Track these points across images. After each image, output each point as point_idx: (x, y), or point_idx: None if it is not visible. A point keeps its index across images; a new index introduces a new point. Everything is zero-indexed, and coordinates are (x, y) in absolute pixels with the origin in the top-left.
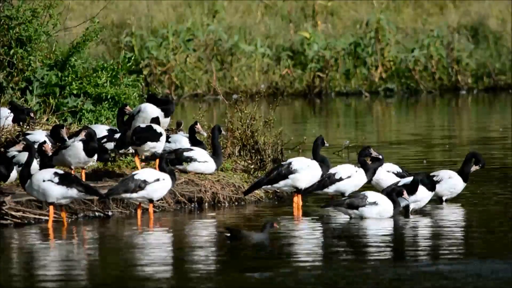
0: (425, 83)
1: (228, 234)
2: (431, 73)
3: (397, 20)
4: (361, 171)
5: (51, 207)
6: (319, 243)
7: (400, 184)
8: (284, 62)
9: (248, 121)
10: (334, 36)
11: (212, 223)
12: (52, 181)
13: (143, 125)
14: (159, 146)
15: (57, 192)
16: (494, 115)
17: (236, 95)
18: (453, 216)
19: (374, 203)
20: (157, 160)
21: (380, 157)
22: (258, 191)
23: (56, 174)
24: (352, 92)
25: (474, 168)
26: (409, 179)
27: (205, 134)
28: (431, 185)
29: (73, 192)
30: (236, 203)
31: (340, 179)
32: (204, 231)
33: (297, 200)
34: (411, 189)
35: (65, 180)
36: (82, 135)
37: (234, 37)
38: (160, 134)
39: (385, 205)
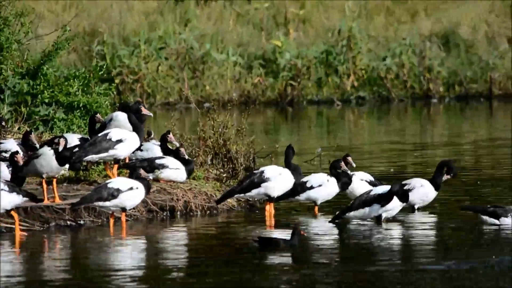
0: (397, 91)
1: (258, 242)
2: (402, 81)
3: (369, 28)
4: (333, 180)
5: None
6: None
7: (372, 192)
8: (256, 71)
9: (220, 129)
10: (306, 45)
11: (184, 231)
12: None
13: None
14: (118, 154)
15: (7, 199)
16: (465, 123)
17: (208, 103)
18: (425, 223)
19: None
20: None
21: (349, 172)
22: (231, 200)
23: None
24: (324, 101)
25: (446, 177)
26: (381, 187)
27: (177, 144)
28: (404, 195)
29: (19, 198)
30: (209, 212)
31: (311, 188)
32: (176, 239)
33: (269, 208)
34: (387, 198)
35: (12, 187)
36: (62, 144)
37: (206, 45)
38: (118, 142)
39: None
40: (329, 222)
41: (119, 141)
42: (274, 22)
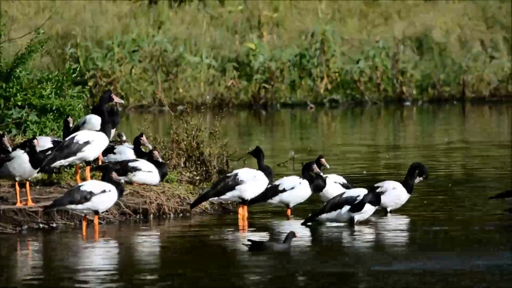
0: (370, 94)
1: (250, 245)
2: (376, 84)
3: (342, 31)
4: (305, 182)
5: None
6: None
7: (345, 195)
8: (230, 73)
9: (193, 132)
10: (279, 47)
11: (157, 234)
12: None
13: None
14: (86, 156)
15: None
16: (438, 126)
17: (181, 106)
18: (396, 225)
19: None
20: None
21: (321, 174)
22: (204, 202)
23: None
24: (298, 103)
25: (418, 179)
26: (354, 190)
27: (150, 146)
28: (376, 199)
29: None
30: (182, 215)
31: (284, 190)
32: (148, 242)
33: (242, 211)
34: (358, 207)
35: None
36: (37, 144)
37: (179, 48)
38: (85, 144)
39: None
40: (301, 224)
41: (87, 143)
42: (248, 25)
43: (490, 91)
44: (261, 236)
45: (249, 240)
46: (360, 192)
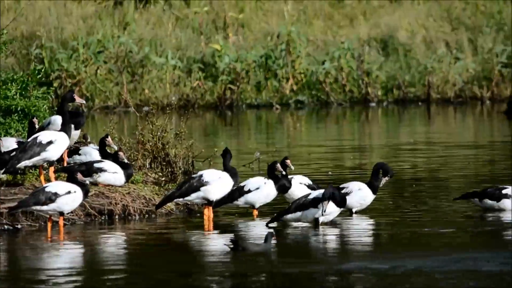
0: (336, 95)
1: (231, 245)
2: (341, 85)
3: (307, 32)
4: (270, 183)
5: None
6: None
7: (310, 196)
8: (195, 74)
9: (159, 133)
10: (245, 48)
11: (122, 235)
12: None
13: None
14: (50, 156)
15: None
16: (404, 127)
17: (147, 107)
18: (361, 225)
19: None
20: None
21: (284, 173)
22: (169, 204)
23: None
24: (263, 104)
25: (384, 180)
26: (320, 191)
27: (116, 147)
28: (341, 201)
29: None
30: (147, 216)
31: (249, 191)
32: (113, 243)
33: (208, 212)
34: (317, 202)
35: None
36: (2, 146)
37: (145, 49)
38: (48, 144)
39: None
40: (266, 224)
41: (50, 142)
42: (213, 26)
43: (455, 92)
44: (229, 237)
45: (230, 240)
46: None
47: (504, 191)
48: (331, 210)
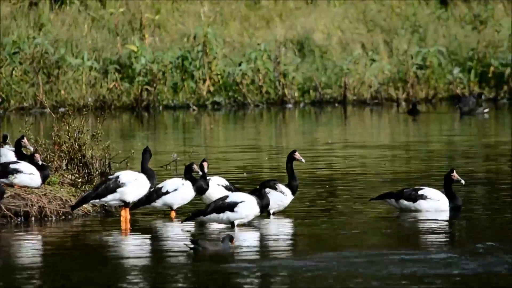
0: (252, 96)
1: (192, 246)
2: (258, 87)
3: (224, 33)
4: (188, 184)
5: None
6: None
7: (228, 199)
8: (112, 76)
9: (75, 134)
10: (161, 50)
11: (38, 236)
12: None
13: None
14: None
15: None
16: (320, 128)
17: (63, 108)
18: (279, 227)
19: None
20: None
21: (201, 173)
22: (86, 205)
23: None
24: (180, 106)
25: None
26: (237, 194)
27: (32, 148)
28: (265, 205)
29: None
30: (64, 217)
31: (167, 193)
32: (29, 244)
33: (125, 213)
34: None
35: None
36: None
37: (60, 50)
38: None
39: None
40: (181, 222)
41: None
42: (130, 27)
43: (371, 93)
44: (146, 238)
45: (190, 240)
46: (242, 197)
47: (420, 192)
48: (247, 213)
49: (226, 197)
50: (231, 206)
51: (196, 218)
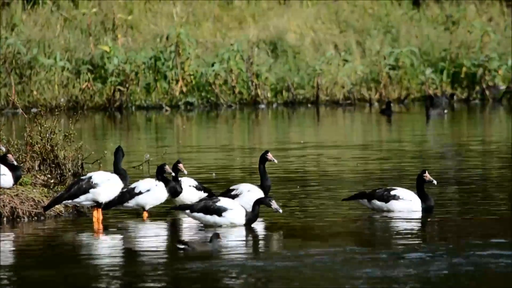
0: (225, 97)
1: (181, 246)
2: (231, 87)
3: (197, 34)
4: (161, 184)
5: None
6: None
7: (218, 204)
8: (84, 76)
9: (47, 135)
10: (134, 50)
11: (9, 237)
12: None
13: None
14: None
15: None
16: (293, 128)
17: (35, 108)
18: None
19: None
20: None
21: (173, 174)
22: (58, 206)
23: None
24: (153, 106)
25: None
26: (226, 199)
27: (4, 149)
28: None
29: None
30: (36, 218)
31: (140, 193)
32: (0, 245)
33: (97, 214)
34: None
35: None
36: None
37: (33, 50)
38: None
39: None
40: (169, 209)
41: None
42: (102, 27)
43: (344, 94)
44: (118, 238)
45: (179, 240)
46: (233, 205)
47: (392, 193)
48: (235, 221)
49: (218, 200)
50: (220, 211)
51: (184, 210)
